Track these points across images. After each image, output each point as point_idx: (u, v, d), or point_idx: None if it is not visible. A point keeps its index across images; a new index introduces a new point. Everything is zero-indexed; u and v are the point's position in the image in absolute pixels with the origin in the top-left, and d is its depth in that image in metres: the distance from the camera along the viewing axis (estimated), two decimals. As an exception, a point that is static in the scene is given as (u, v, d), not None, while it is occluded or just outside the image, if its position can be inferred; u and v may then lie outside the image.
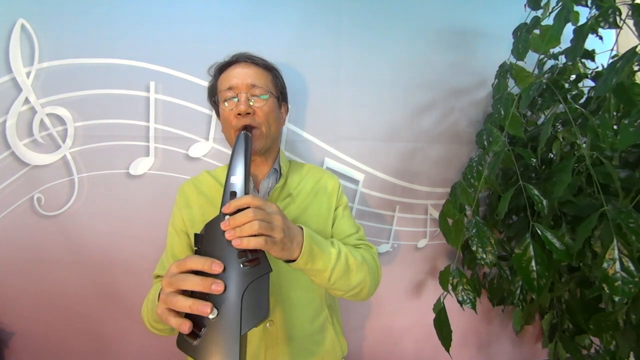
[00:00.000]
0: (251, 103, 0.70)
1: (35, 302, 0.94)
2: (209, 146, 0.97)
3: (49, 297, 0.94)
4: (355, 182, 1.07)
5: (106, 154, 0.92)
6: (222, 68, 0.76)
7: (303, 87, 1.01)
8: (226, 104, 0.71)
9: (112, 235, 0.94)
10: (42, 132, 0.89)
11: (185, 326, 0.43)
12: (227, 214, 0.48)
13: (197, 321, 0.44)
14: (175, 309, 0.44)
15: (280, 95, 0.79)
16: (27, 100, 0.88)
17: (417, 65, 1.09)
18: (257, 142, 0.70)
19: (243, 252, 0.46)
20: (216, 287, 0.43)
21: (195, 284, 0.44)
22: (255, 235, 0.46)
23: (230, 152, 0.97)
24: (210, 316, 0.43)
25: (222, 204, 0.50)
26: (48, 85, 0.89)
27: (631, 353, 0.84)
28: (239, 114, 0.68)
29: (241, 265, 0.46)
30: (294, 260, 0.55)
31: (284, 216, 0.53)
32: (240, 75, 0.71)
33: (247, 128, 0.67)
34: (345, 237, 0.76)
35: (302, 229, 0.57)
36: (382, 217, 1.11)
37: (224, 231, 0.47)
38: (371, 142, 1.07)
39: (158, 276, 0.74)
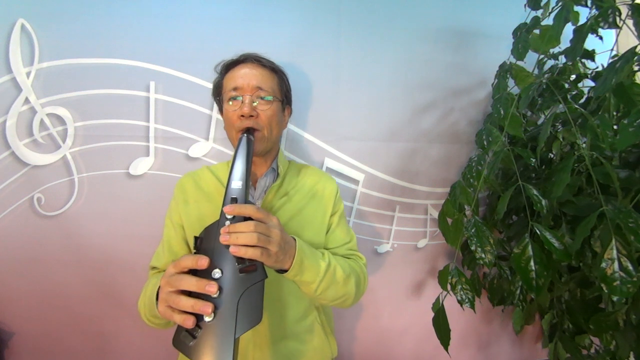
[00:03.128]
0: (255, 104, 0.70)
1: (35, 302, 0.94)
2: (209, 146, 0.97)
3: (49, 297, 0.94)
4: (355, 182, 1.07)
5: (106, 154, 0.92)
6: (229, 66, 0.76)
7: (303, 88, 1.01)
8: (230, 103, 0.71)
9: (112, 235, 0.94)
10: (42, 132, 0.90)
11: (190, 321, 0.44)
12: (227, 219, 0.50)
13: None
14: (177, 308, 0.46)
15: (285, 98, 0.79)
16: (27, 100, 0.88)
17: (417, 66, 1.09)
18: (258, 145, 0.70)
19: (241, 259, 0.48)
20: (209, 288, 0.45)
21: (190, 284, 0.46)
22: (252, 246, 0.48)
23: (229, 150, 0.98)
24: (207, 318, 0.44)
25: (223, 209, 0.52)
26: (48, 85, 0.89)
27: (631, 353, 0.84)
28: (242, 116, 0.68)
29: (239, 272, 0.47)
30: (285, 271, 0.57)
31: (282, 229, 0.55)
32: (247, 76, 0.71)
33: (250, 130, 0.67)
34: (338, 246, 0.77)
35: (295, 240, 0.59)
36: (382, 217, 1.11)
37: None
38: (371, 142, 1.07)
39: (154, 267, 0.75)
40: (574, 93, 0.97)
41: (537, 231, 0.78)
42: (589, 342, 1.07)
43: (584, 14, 0.87)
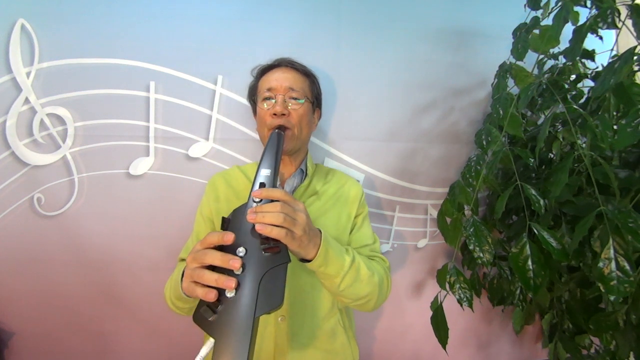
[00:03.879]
0: (290, 107, 0.74)
1: (35, 302, 0.94)
2: (209, 146, 0.97)
3: (48, 296, 0.94)
4: (355, 182, 1.07)
5: (106, 154, 0.93)
6: (265, 70, 0.81)
7: (303, 87, 1.01)
8: (264, 104, 0.75)
9: (112, 235, 0.94)
10: (42, 132, 0.90)
11: (212, 294, 0.45)
12: (255, 202, 0.51)
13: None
14: (201, 282, 0.47)
15: (315, 100, 0.84)
16: (27, 100, 0.88)
17: (417, 66, 1.09)
18: (288, 143, 0.73)
19: (266, 240, 0.49)
20: (233, 263, 0.45)
21: (215, 258, 0.47)
22: (278, 227, 0.49)
23: (229, 151, 0.98)
24: (229, 294, 0.45)
25: (251, 193, 0.53)
26: (48, 85, 0.89)
27: (631, 353, 0.84)
28: (274, 114, 0.72)
29: (262, 252, 0.48)
30: (309, 261, 0.57)
31: (308, 216, 0.55)
32: (280, 78, 0.76)
33: (281, 128, 0.70)
34: (361, 247, 0.78)
35: (320, 232, 0.59)
36: (382, 217, 1.11)
37: None
38: (371, 142, 1.07)
39: (182, 259, 0.77)
40: (573, 93, 0.97)
41: (535, 231, 0.78)
42: (589, 342, 1.07)
43: (583, 14, 0.87)
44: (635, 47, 0.66)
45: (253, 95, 0.83)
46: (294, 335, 0.70)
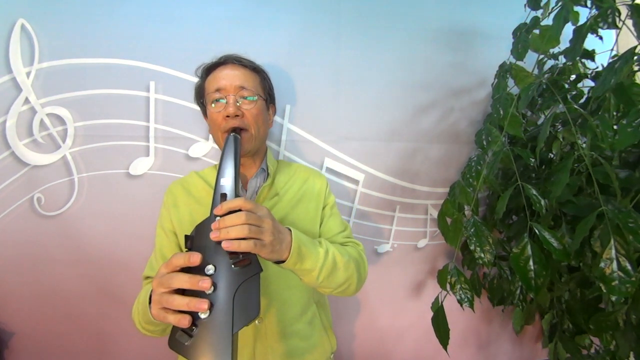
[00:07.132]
0: (238, 104, 0.70)
1: (35, 301, 0.94)
2: (209, 146, 0.97)
3: (49, 296, 0.94)
4: (355, 182, 1.07)
5: (106, 154, 0.92)
6: (210, 69, 0.76)
7: (303, 88, 1.01)
8: (214, 105, 0.71)
9: (112, 235, 0.94)
10: (42, 132, 0.90)
11: (185, 320, 0.43)
12: (218, 216, 0.49)
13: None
14: (172, 308, 0.44)
15: (268, 96, 0.80)
16: (27, 100, 0.88)
17: (417, 66, 1.09)
18: (246, 144, 0.70)
19: (234, 253, 0.47)
20: (203, 284, 0.44)
21: (183, 281, 0.45)
22: (245, 239, 0.47)
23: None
24: (202, 315, 0.43)
25: (213, 206, 0.51)
26: (48, 85, 0.89)
27: (631, 353, 0.84)
28: (227, 116, 0.68)
29: (232, 266, 0.46)
30: (283, 261, 0.56)
31: (273, 219, 0.54)
32: (229, 76, 0.71)
33: (236, 130, 0.67)
34: (333, 235, 0.77)
35: (290, 230, 0.58)
36: (382, 217, 1.11)
37: None
38: (371, 142, 1.07)
39: (147, 277, 0.74)
40: (573, 93, 0.97)
41: (536, 231, 0.78)
42: (589, 342, 1.07)
43: (584, 14, 0.87)
44: (636, 47, 0.66)
45: (201, 96, 0.78)
46: (274, 334, 0.70)
